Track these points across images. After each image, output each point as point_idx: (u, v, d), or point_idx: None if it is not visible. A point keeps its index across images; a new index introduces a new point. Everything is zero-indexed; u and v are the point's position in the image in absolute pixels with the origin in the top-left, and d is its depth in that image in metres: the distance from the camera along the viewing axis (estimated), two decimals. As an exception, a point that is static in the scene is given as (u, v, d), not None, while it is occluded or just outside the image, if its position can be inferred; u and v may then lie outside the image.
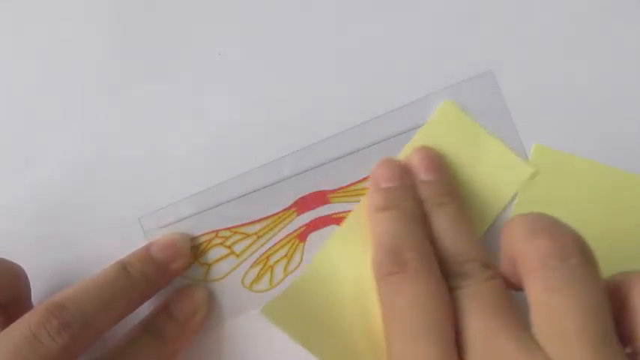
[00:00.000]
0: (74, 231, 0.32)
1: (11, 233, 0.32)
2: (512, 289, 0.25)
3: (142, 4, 0.33)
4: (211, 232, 0.32)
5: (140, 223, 0.32)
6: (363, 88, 0.32)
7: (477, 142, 0.31)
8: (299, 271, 0.31)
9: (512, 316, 0.24)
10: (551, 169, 0.30)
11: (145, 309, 0.30)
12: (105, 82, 0.33)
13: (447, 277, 0.26)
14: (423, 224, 0.28)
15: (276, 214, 0.31)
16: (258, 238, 0.32)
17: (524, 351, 0.22)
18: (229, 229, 0.32)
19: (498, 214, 0.30)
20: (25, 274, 0.30)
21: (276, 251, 0.32)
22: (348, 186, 0.32)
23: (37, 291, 0.31)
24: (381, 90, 0.32)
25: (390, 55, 0.32)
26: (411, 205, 0.28)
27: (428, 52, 0.32)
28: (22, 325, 0.26)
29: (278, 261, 0.32)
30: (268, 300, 0.30)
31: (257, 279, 0.32)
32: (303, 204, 0.32)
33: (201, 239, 0.32)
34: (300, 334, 0.28)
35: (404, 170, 0.29)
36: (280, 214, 0.31)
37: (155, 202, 0.32)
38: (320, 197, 0.32)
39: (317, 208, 0.32)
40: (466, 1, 0.32)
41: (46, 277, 0.32)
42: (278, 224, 0.32)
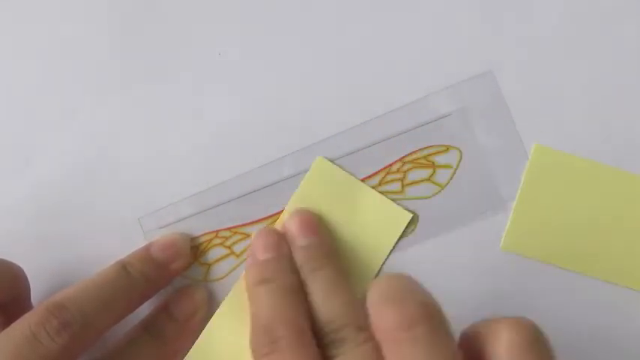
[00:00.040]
0: (74, 231, 0.32)
1: (11, 233, 0.32)
2: None
3: (142, 4, 0.33)
4: (211, 232, 0.32)
5: (140, 224, 0.32)
6: (363, 88, 0.32)
7: (354, 194, 0.31)
8: None
9: None
10: (551, 169, 0.30)
11: (145, 309, 0.30)
12: (105, 82, 0.33)
13: (324, 346, 0.26)
14: (298, 295, 0.27)
15: (276, 214, 0.31)
16: (258, 238, 0.32)
17: None
18: (229, 229, 0.32)
19: (382, 263, 0.30)
20: (24, 275, 0.30)
21: (276, 251, 0.32)
22: (348, 186, 0.32)
23: (37, 291, 0.31)
24: (381, 90, 0.32)
25: (390, 55, 0.32)
26: (286, 277, 0.28)
27: (428, 52, 0.32)
28: (22, 325, 0.26)
29: (278, 261, 0.32)
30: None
31: (257, 279, 0.31)
32: (303, 204, 0.32)
33: (201, 239, 0.32)
34: None
35: (280, 239, 0.29)
36: (280, 214, 0.31)
37: (155, 202, 0.32)
38: (320, 197, 0.32)
39: (317, 208, 0.32)
40: (466, 1, 0.32)
41: (46, 277, 0.32)
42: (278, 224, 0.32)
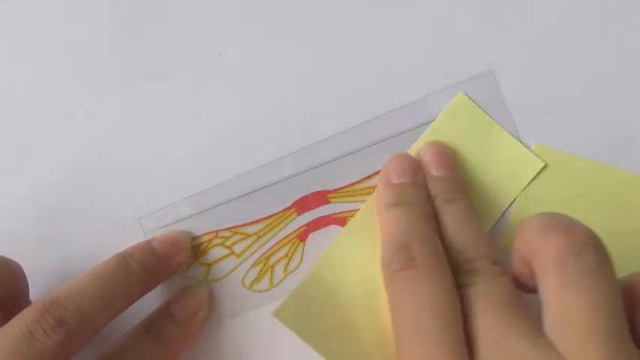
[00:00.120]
0: (74, 231, 0.32)
1: (11, 233, 0.32)
2: (524, 290, 0.25)
3: (142, 4, 0.33)
4: (211, 232, 0.32)
5: (140, 224, 0.32)
6: (363, 88, 0.32)
7: (489, 136, 0.31)
8: (299, 270, 0.31)
9: (523, 313, 0.23)
10: (551, 169, 0.30)
11: (146, 309, 0.30)
12: (105, 82, 0.33)
13: (456, 274, 0.25)
14: (433, 221, 0.28)
15: (276, 214, 0.31)
16: (259, 238, 0.32)
17: (536, 349, 0.22)
18: (229, 229, 0.32)
19: (508, 207, 0.30)
20: (22, 271, 0.29)
21: (276, 251, 0.32)
22: (348, 186, 0.32)
23: (37, 291, 0.31)
24: (381, 90, 0.32)
25: (390, 55, 0.32)
26: (421, 201, 0.28)
27: (428, 52, 0.32)
28: (19, 322, 0.26)
29: (278, 261, 0.32)
30: (277, 302, 0.29)
31: (257, 279, 0.32)
32: (303, 204, 0.32)
33: (201, 239, 0.32)
34: (310, 336, 0.28)
35: (416, 166, 0.29)
36: (280, 214, 0.31)
37: (155, 202, 0.32)
38: (320, 197, 0.32)
39: (317, 208, 0.32)
40: (466, 1, 0.32)
41: (46, 277, 0.32)
42: (278, 224, 0.32)
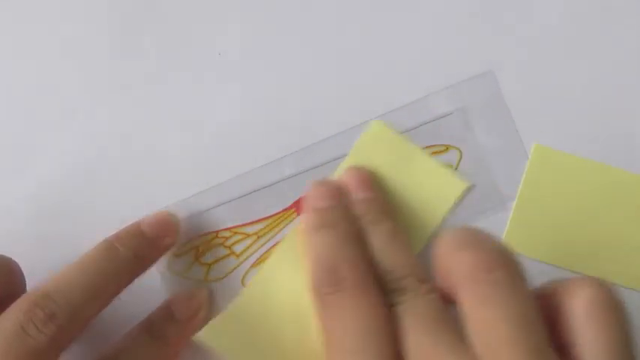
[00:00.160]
0: (74, 231, 0.32)
1: (11, 233, 0.32)
2: (448, 303, 0.25)
3: (142, 4, 0.33)
4: (211, 232, 0.32)
5: (140, 223, 0.32)
6: (363, 88, 0.32)
7: (409, 160, 0.31)
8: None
9: (451, 328, 0.24)
10: (551, 169, 0.30)
11: (146, 310, 0.30)
12: (105, 82, 0.33)
13: (385, 294, 0.26)
14: (359, 242, 0.28)
15: (276, 214, 0.31)
16: (259, 238, 0.32)
17: None
18: (229, 229, 0.32)
19: (435, 230, 0.30)
20: (20, 270, 0.29)
21: (276, 251, 0.32)
22: (348, 186, 0.32)
23: (37, 291, 0.31)
24: (381, 90, 0.32)
25: (390, 55, 0.32)
26: (346, 224, 0.28)
27: (428, 52, 0.32)
28: (11, 317, 0.26)
29: (278, 261, 0.32)
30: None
31: (257, 279, 0.31)
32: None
33: (201, 239, 0.32)
34: (240, 357, 0.28)
35: (338, 189, 0.29)
36: (280, 214, 0.31)
37: (155, 202, 0.32)
38: (320, 197, 0.32)
39: (317, 208, 0.32)
40: (466, 1, 0.32)
41: (46, 277, 0.32)
42: (278, 224, 0.32)
